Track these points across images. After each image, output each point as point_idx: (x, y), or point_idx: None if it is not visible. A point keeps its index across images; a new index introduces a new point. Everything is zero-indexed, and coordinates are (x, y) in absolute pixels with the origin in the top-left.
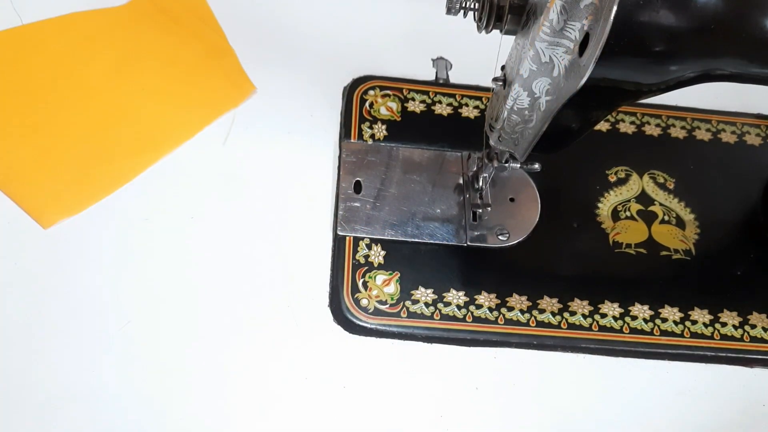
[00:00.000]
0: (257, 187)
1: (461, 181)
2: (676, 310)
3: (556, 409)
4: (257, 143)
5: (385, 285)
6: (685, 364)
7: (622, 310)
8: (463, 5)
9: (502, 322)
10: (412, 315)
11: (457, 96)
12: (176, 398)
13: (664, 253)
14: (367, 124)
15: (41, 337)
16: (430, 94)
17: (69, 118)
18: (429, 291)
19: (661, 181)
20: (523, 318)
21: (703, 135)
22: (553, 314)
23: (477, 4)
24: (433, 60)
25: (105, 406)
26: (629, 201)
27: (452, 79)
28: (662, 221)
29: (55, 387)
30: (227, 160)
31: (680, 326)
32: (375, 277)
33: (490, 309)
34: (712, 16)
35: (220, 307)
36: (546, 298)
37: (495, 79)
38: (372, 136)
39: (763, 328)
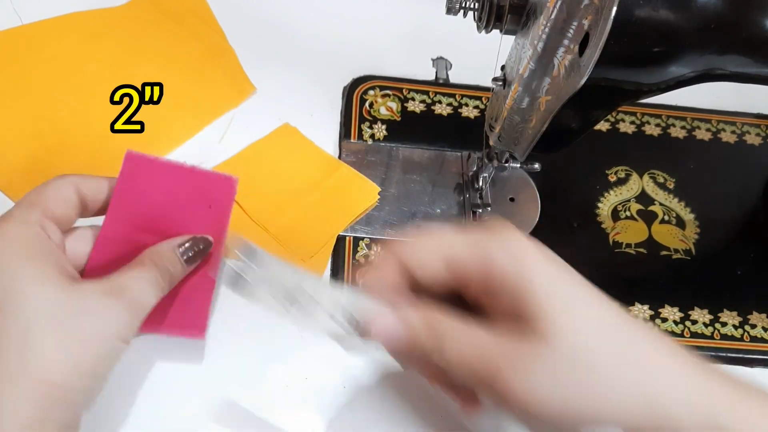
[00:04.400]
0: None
1: (461, 181)
2: (676, 309)
3: None
4: None
5: None
6: None
7: None
8: (463, 5)
9: None
10: None
11: (456, 96)
12: (174, 398)
13: (664, 252)
14: (367, 124)
15: None
16: (430, 94)
17: (69, 119)
18: None
19: (661, 180)
20: None
21: (703, 135)
22: None
23: (477, 4)
24: (433, 60)
25: (104, 405)
26: (629, 201)
27: (452, 79)
28: (662, 221)
29: None
30: (226, 160)
31: (680, 326)
32: None
33: None
34: (712, 16)
35: (219, 307)
36: None
37: (495, 79)
38: (372, 136)
39: (763, 328)
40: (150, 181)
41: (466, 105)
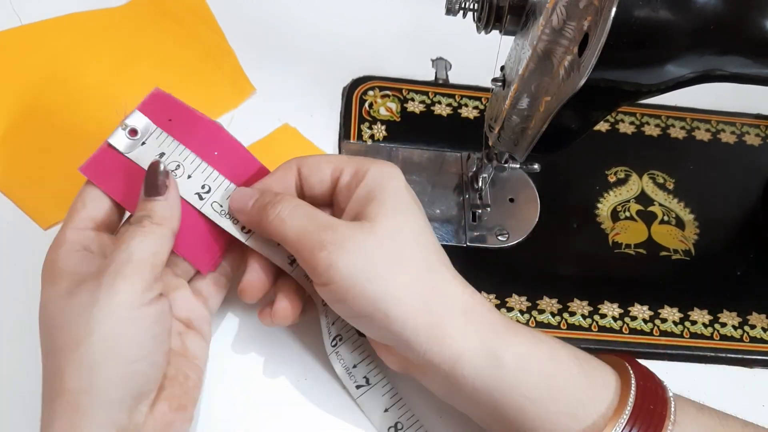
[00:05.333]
0: None
1: (461, 182)
2: (675, 310)
3: None
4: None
5: None
6: (684, 364)
7: (622, 311)
8: (463, 6)
9: None
10: None
11: (456, 96)
12: None
13: (663, 253)
14: (367, 124)
15: None
16: (430, 94)
17: (69, 119)
18: None
19: (661, 181)
20: (522, 318)
21: (702, 135)
22: (553, 315)
23: (476, 5)
24: (433, 60)
25: None
26: (629, 201)
27: (452, 80)
28: (662, 221)
29: None
30: None
31: (680, 326)
32: None
33: None
34: (712, 17)
35: (219, 308)
36: (545, 298)
37: (494, 80)
38: (371, 136)
39: (763, 329)
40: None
41: (466, 105)
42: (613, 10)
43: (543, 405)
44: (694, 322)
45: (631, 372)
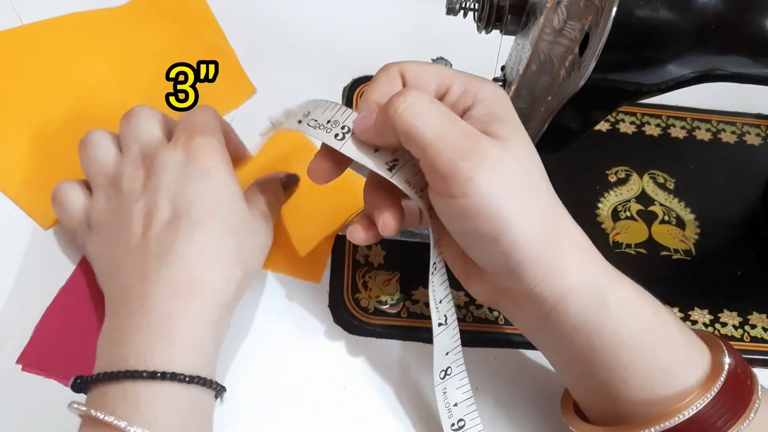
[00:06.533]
0: None
1: None
2: (676, 310)
3: (556, 410)
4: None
5: (385, 285)
6: None
7: None
8: (463, 6)
9: (503, 323)
10: (412, 315)
11: None
12: None
13: (664, 253)
14: None
15: None
16: None
17: (69, 119)
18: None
19: (661, 181)
20: None
21: (703, 135)
22: None
23: (477, 5)
24: (433, 60)
25: None
26: (629, 201)
27: None
28: (662, 221)
29: (54, 389)
30: None
31: None
32: (375, 277)
33: (491, 309)
34: (712, 17)
35: None
36: None
37: (495, 80)
38: None
39: (763, 328)
40: None
41: None
42: (614, 10)
43: (641, 356)
44: (694, 322)
45: (725, 347)
